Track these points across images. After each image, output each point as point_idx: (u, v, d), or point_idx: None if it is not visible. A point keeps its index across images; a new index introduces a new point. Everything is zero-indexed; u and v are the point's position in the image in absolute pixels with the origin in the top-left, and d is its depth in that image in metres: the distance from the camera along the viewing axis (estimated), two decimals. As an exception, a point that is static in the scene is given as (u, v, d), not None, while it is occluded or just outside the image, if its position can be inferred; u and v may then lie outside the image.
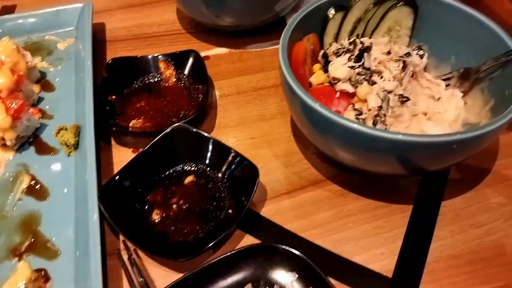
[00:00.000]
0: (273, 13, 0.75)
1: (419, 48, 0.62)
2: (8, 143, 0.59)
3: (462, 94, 0.59)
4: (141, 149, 0.57)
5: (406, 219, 0.54)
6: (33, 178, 0.57)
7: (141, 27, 0.83)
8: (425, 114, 0.58)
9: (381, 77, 0.56)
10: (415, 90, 0.59)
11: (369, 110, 0.54)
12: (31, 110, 0.63)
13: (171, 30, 0.82)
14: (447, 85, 0.60)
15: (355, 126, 0.44)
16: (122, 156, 0.61)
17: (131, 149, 0.62)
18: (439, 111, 0.59)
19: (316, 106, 0.46)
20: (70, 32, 0.78)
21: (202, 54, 0.76)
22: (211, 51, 0.78)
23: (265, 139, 0.63)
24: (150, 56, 0.70)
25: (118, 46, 0.78)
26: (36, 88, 0.68)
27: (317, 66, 0.62)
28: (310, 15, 0.59)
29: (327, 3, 0.60)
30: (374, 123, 0.53)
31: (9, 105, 0.58)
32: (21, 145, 0.61)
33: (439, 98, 0.59)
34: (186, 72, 0.70)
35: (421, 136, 0.44)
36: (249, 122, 0.66)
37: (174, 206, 0.54)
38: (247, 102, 0.69)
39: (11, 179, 0.58)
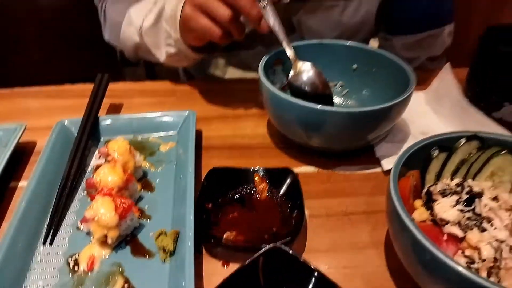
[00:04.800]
0: (364, 141, 0.78)
1: (525, 197, 0.61)
2: (109, 241, 0.60)
3: None
4: (231, 264, 0.60)
5: None
6: (126, 281, 0.57)
7: (235, 137, 0.88)
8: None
9: (491, 225, 0.55)
10: (525, 241, 0.57)
11: (483, 260, 0.51)
12: (134, 208, 0.66)
13: (262, 143, 0.87)
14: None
15: (473, 277, 0.42)
16: (212, 268, 0.61)
17: (221, 261, 0.62)
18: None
19: (431, 247, 0.46)
20: (172, 137, 0.84)
21: (291, 170, 0.79)
22: (299, 169, 0.80)
23: (359, 271, 0.61)
24: (247, 168, 0.73)
25: (213, 154, 0.83)
26: (138, 186, 0.72)
27: (418, 202, 0.61)
28: (415, 154, 0.61)
29: (432, 143, 0.62)
30: (488, 275, 0.51)
31: (119, 204, 0.61)
32: (118, 244, 0.63)
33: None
34: (279, 188, 0.71)
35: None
36: (340, 249, 0.64)
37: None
38: (337, 226, 0.68)
39: (104, 279, 0.58)
